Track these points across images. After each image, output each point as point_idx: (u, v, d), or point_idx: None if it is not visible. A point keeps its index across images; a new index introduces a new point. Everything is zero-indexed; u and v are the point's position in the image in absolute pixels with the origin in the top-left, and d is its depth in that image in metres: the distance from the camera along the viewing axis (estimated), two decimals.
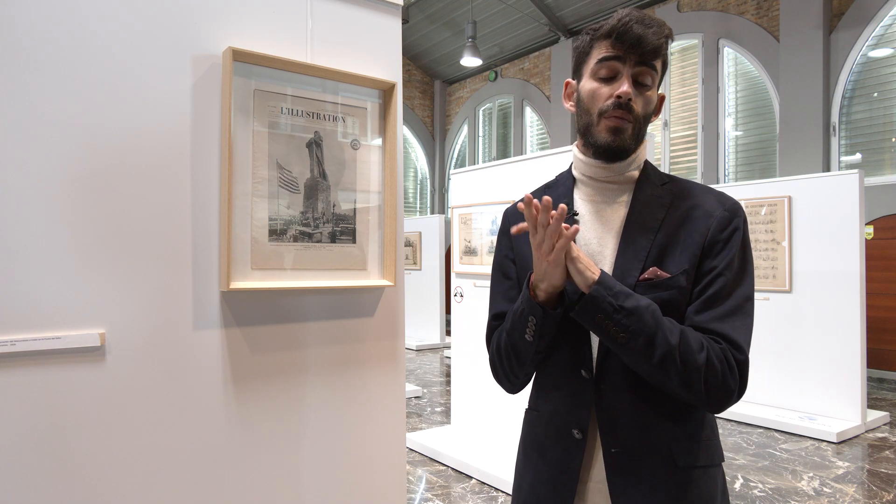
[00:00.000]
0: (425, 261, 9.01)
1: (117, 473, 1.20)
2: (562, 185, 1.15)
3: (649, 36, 0.98)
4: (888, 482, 3.58)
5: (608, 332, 0.94)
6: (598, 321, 0.94)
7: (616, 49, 1.00)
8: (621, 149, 1.02)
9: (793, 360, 4.95)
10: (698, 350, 0.93)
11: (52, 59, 1.14)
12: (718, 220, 1.01)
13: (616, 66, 1.00)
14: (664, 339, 0.92)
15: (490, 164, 3.91)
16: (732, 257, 0.99)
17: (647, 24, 0.99)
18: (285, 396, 1.43)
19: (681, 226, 1.02)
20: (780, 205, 4.98)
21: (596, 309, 0.94)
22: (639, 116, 1.02)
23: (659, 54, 1.00)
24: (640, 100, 1.02)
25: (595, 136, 1.03)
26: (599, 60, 1.02)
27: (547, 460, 1.08)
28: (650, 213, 1.04)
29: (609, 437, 1.00)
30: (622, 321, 0.93)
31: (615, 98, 1.00)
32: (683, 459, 0.99)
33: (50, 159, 1.14)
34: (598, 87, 1.02)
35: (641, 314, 0.93)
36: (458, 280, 4.14)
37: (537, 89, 10.50)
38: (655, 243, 1.01)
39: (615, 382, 1.01)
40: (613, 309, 0.93)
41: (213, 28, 1.33)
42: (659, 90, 1.07)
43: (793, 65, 7.02)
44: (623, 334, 0.93)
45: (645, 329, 0.92)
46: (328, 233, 1.47)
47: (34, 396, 1.12)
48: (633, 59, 1.00)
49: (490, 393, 3.80)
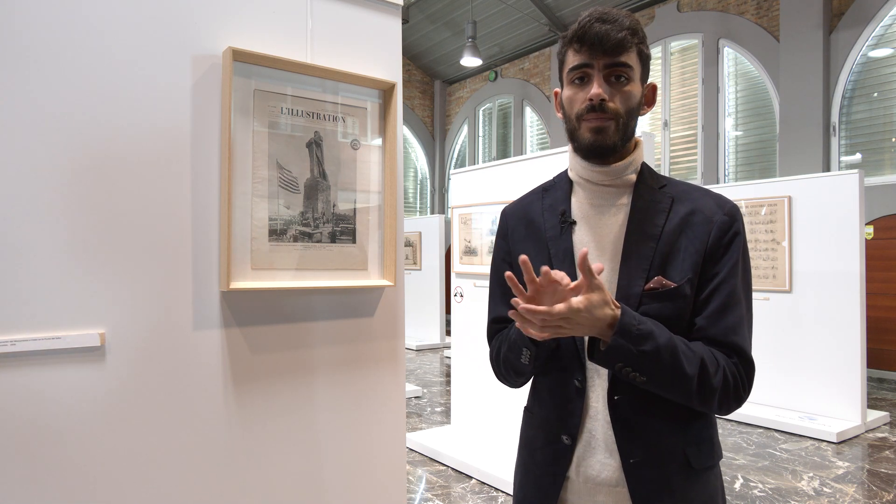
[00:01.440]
0: (425, 261, 9.01)
1: (117, 473, 1.20)
2: (559, 189, 1.14)
3: (610, 32, 0.98)
4: (888, 482, 3.58)
5: (627, 376, 0.94)
6: (618, 369, 0.93)
7: (582, 52, 1.00)
8: (605, 146, 1.02)
9: (793, 360, 4.95)
10: (714, 373, 0.94)
11: (52, 60, 1.14)
12: (719, 225, 1.01)
13: (586, 70, 1.01)
14: (682, 374, 0.93)
15: (490, 164, 3.91)
16: (735, 263, 1.00)
17: (606, 20, 0.99)
18: (285, 396, 1.43)
19: (681, 232, 1.02)
20: (780, 205, 4.98)
21: (616, 358, 0.92)
22: (619, 113, 1.01)
23: (624, 48, 0.99)
24: (618, 96, 1.01)
25: (579, 139, 1.04)
26: (571, 68, 1.02)
27: (536, 461, 1.10)
28: (650, 220, 1.03)
29: (626, 447, 1.01)
30: (642, 366, 0.92)
31: (588, 101, 1.00)
32: (697, 461, 1.02)
33: (50, 159, 1.14)
34: (575, 93, 1.03)
35: (660, 356, 0.92)
36: (458, 280, 4.14)
37: (537, 89, 10.50)
38: (658, 251, 1.01)
39: (628, 393, 1.01)
40: (633, 356, 0.91)
41: (213, 28, 1.33)
42: (648, 80, 1.07)
43: (793, 65, 7.02)
44: (643, 378, 0.93)
45: (663, 371, 0.92)
46: (328, 233, 1.47)
47: (34, 396, 1.12)
48: (600, 57, 0.99)
49: (490, 393, 3.80)
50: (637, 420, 1.01)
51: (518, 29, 10.21)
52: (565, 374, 1.05)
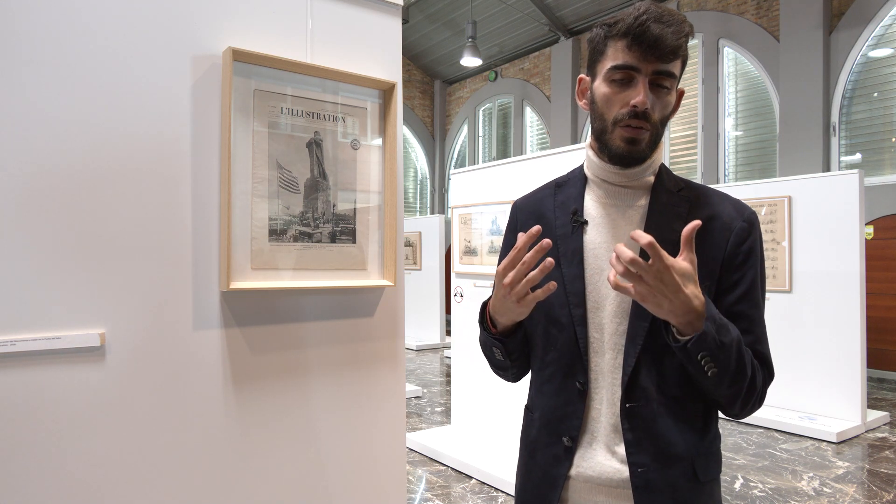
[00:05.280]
0: (425, 261, 9.01)
1: (117, 473, 1.20)
2: (573, 186, 1.11)
3: (668, 36, 0.91)
4: (888, 482, 3.58)
5: (701, 366, 0.89)
6: (699, 358, 0.88)
7: (632, 51, 0.93)
8: (637, 157, 0.99)
9: (793, 360, 4.95)
10: (757, 375, 0.96)
11: (52, 60, 1.14)
12: (737, 232, 0.99)
13: (632, 73, 0.94)
14: (743, 371, 0.92)
15: (490, 164, 3.91)
16: (756, 272, 0.99)
17: (665, 21, 0.91)
18: (285, 396, 1.43)
19: (701, 239, 0.98)
20: (780, 205, 4.98)
21: (703, 346, 0.87)
22: (656, 123, 0.96)
23: (678, 55, 0.94)
24: (658, 105, 0.96)
25: (609, 143, 0.99)
26: (616, 66, 0.95)
27: (536, 461, 1.10)
28: (668, 225, 1.00)
29: (636, 457, 1.00)
30: (719, 358, 0.88)
31: (630, 107, 0.94)
32: (704, 474, 1.01)
33: (50, 159, 1.14)
34: (613, 93, 0.96)
35: (733, 349, 0.90)
36: (458, 280, 4.14)
37: (537, 89, 10.50)
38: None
39: (644, 401, 1.00)
40: (716, 346, 0.87)
41: (213, 28, 1.33)
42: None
43: (793, 65, 7.02)
44: (715, 369, 0.89)
45: (730, 365, 0.90)
46: (328, 233, 1.47)
47: (34, 396, 1.12)
48: (651, 62, 0.93)
49: (490, 393, 3.80)
50: (649, 429, 0.99)
51: (518, 29, 10.21)
52: (567, 375, 1.05)
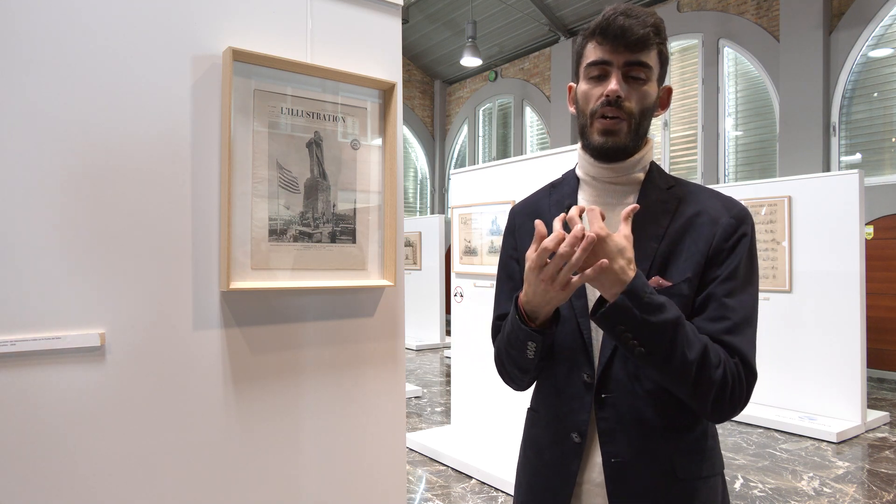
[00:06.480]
0: (425, 261, 9.01)
1: (117, 473, 1.20)
2: (567, 186, 1.14)
3: (634, 26, 0.97)
4: (888, 482, 3.58)
5: (627, 342, 0.91)
6: (619, 332, 0.91)
7: (603, 45, 0.99)
8: (616, 149, 1.01)
9: (793, 360, 4.95)
10: (715, 366, 0.91)
11: (51, 60, 1.14)
12: (724, 227, 0.99)
13: (604, 67, 1.00)
14: (683, 356, 0.89)
15: (490, 165, 3.91)
16: (737, 266, 0.97)
17: (630, 15, 0.98)
18: (285, 396, 1.43)
19: (685, 233, 1.00)
20: (780, 205, 4.98)
21: (618, 319, 0.89)
22: (633, 112, 0.99)
23: (646, 45, 0.98)
24: (635, 95, 0.99)
25: (589, 137, 1.03)
26: (590, 63, 1.01)
27: (545, 461, 1.08)
28: (654, 219, 1.02)
29: (610, 447, 0.99)
30: (643, 335, 0.89)
31: (604, 97, 0.99)
32: (684, 471, 0.99)
33: (50, 159, 1.14)
34: (590, 88, 1.02)
35: (665, 330, 0.89)
36: (458, 280, 4.14)
37: (537, 89, 10.49)
38: (659, 252, 1.00)
39: (618, 392, 1.00)
40: (637, 322, 0.89)
41: (213, 28, 1.33)
42: (664, 82, 1.05)
43: (793, 65, 7.02)
44: (642, 348, 0.90)
45: (664, 346, 0.89)
46: (328, 233, 1.47)
47: (34, 396, 1.12)
48: (621, 53, 0.98)
49: (490, 393, 3.80)
50: (622, 420, 0.99)
51: (518, 29, 10.21)
52: (572, 369, 1.04)
